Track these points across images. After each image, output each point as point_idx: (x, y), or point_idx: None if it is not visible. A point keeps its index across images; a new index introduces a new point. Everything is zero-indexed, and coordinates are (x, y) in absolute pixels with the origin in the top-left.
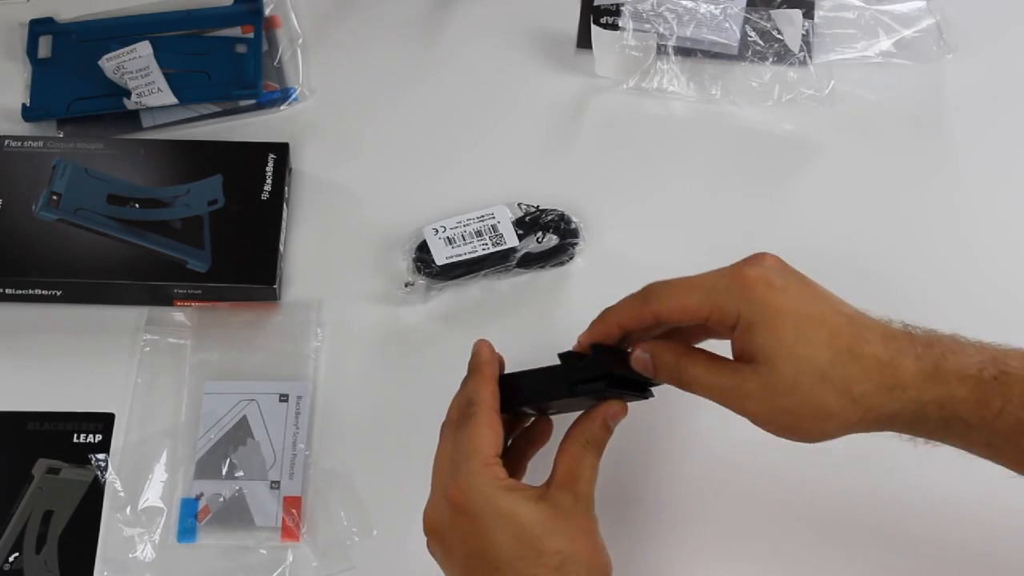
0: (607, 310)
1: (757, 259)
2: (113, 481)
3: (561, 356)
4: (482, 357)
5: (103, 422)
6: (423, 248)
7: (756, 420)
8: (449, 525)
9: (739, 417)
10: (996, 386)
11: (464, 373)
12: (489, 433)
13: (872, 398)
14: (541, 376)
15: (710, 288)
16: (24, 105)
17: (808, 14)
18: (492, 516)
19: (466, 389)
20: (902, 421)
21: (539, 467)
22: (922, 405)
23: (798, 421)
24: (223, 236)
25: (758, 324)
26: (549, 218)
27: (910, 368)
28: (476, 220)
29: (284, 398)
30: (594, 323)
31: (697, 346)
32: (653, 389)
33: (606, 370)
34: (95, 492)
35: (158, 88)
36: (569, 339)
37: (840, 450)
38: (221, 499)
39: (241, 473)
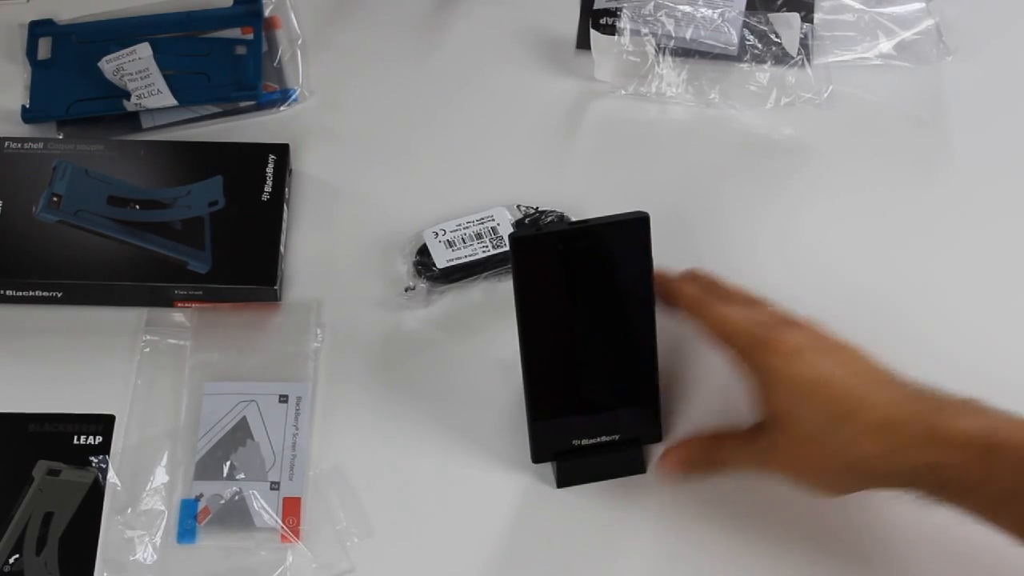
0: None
1: (788, 326)
2: (113, 483)
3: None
4: None
5: (103, 423)
6: (423, 252)
7: (779, 474)
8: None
9: None
10: (984, 454)
11: (464, 375)
12: None
13: (868, 461)
14: None
15: (742, 343)
16: (24, 107)
17: (807, 17)
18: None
19: None
20: (900, 482)
21: None
22: (915, 469)
23: (804, 479)
24: (224, 237)
25: (763, 389)
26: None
27: (905, 434)
28: (476, 222)
29: (284, 399)
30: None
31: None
32: None
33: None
34: (95, 494)
35: (158, 90)
36: None
37: None
38: (221, 500)
39: (241, 474)
